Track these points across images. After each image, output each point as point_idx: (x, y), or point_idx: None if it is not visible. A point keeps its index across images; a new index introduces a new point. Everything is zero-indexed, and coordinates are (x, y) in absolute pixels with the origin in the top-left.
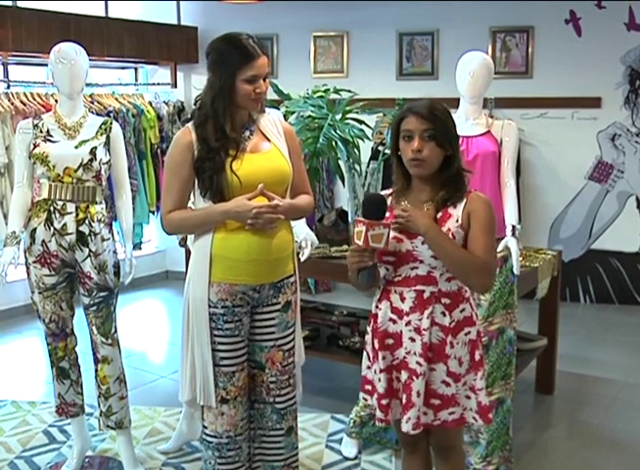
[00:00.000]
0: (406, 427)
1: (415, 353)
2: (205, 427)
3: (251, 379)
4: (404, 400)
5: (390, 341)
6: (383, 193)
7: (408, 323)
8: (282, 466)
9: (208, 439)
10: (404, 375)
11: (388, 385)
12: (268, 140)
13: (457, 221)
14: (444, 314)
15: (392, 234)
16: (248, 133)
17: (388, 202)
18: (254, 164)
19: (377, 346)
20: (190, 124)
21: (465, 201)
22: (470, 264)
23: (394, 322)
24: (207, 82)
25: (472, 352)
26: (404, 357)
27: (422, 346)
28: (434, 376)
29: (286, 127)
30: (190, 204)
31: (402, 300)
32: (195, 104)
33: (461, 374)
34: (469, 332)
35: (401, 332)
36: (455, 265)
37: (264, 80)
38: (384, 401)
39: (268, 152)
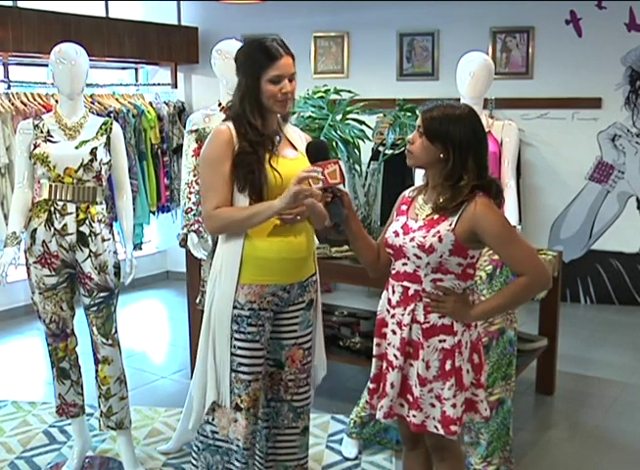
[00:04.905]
0: (378, 414)
1: (394, 346)
2: (215, 432)
3: (268, 377)
4: (381, 389)
5: (385, 330)
6: (413, 188)
7: (393, 316)
8: (295, 466)
9: (218, 443)
10: (384, 364)
11: (378, 371)
12: (294, 148)
13: (450, 225)
14: (423, 314)
15: (393, 228)
16: (277, 138)
17: (413, 194)
18: (288, 169)
19: (375, 332)
20: (226, 122)
21: (463, 207)
22: (527, 293)
23: (388, 312)
24: (237, 85)
25: (443, 360)
26: (386, 348)
27: (400, 340)
28: (412, 372)
29: (307, 137)
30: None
31: (393, 293)
32: (224, 110)
33: (427, 379)
34: (444, 340)
35: (389, 323)
36: (522, 303)
37: (290, 81)
38: (371, 386)
39: (297, 158)
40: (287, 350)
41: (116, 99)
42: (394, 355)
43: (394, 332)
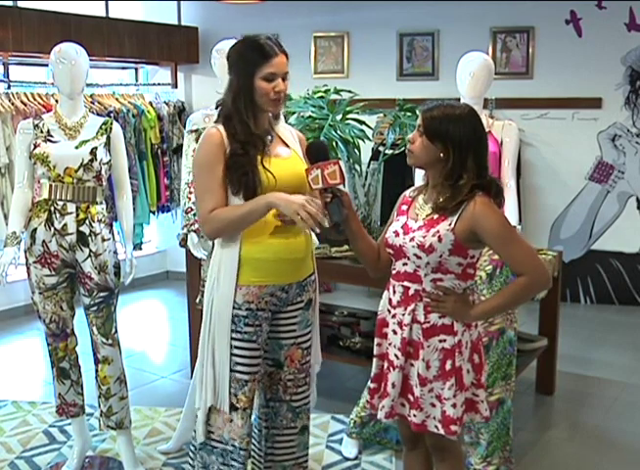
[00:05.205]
0: (380, 414)
1: (395, 346)
2: (211, 432)
3: (267, 377)
4: (382, 389)
5: (386, 330)
6: (413, 188)
7: (394, 316)
8: (292, 465)
9: (213, 443)
10: (385, 364)
11: (379, 371)
12: (287, 146)
13: (449, 225)
14: (424, 314)
15: (393, 228)
16: (269, 138)
17: (413, 194)
18: (282, 168)
19: (376, 332)
20: (216, 124)
21: (462, 207)
22: (527, 293)
23: (389, 312)
24: (228, 83)
25: (443, 360)
26: (387, 348)
27: (401, 340)
28: (413, 372)
29: (299, 134)
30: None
31: (394, 293)
32: (216, 107)
33: (427, 378)
34: (444, 340)
35: (390, 323)
36: (522, 303)
37: (283, 80)
38: (372, 385)
39: (289, 157)
40: (285, 349)
41: (116, 99)
42: (395, 355)
43: (395, 332)
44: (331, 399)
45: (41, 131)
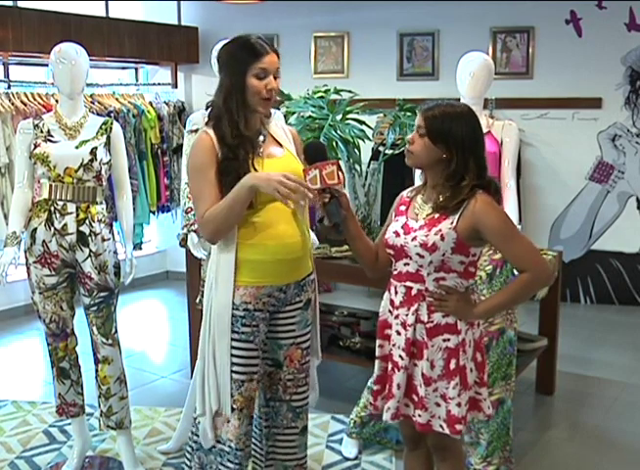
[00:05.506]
0: (385, 416)
1: (399, 347)
2: None
3: (267, 377)
4: (386, 390)
5: (389, 331)
6: (410, 188)
7: (397, 317)
8: (294, 465)
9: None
10: (390, 366)
11: (382, 372)
12: (280, 145)
13: (451, 223)
14: (427, 314)
15: (393, 228)
16: (262, 138)
17: (411, 194)
18: (275, 168)
19: (378, 334)
20: (205, 128)
21: (464, 205)
22: (529, 290)
23: (390, 313)
24: (218, 84)
25: (447, 359)
26: (391, 349)
27: (405, 341)
28: (417, 372)
29: (293, 131)
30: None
31: (395, 293)
32: (206, 108)
33: (432, 378)
34: (448, 339)
35: (392, 324)
36: (524, 300)
37: (275, 79)
38: (375, 387)
39: (283, 157)
40: (285, 349)
41: (116, 99)
42: (400, 356)
43: (399, 333)
44: (331, 399)
45: (41, 131)
